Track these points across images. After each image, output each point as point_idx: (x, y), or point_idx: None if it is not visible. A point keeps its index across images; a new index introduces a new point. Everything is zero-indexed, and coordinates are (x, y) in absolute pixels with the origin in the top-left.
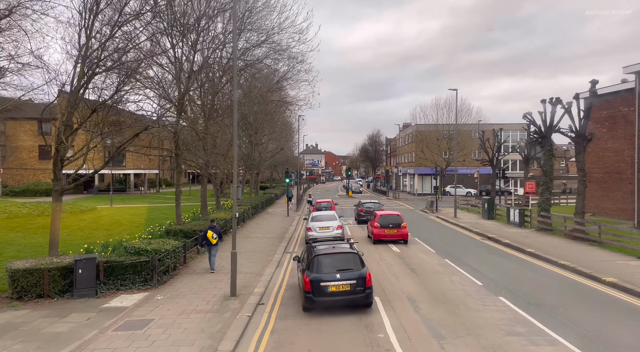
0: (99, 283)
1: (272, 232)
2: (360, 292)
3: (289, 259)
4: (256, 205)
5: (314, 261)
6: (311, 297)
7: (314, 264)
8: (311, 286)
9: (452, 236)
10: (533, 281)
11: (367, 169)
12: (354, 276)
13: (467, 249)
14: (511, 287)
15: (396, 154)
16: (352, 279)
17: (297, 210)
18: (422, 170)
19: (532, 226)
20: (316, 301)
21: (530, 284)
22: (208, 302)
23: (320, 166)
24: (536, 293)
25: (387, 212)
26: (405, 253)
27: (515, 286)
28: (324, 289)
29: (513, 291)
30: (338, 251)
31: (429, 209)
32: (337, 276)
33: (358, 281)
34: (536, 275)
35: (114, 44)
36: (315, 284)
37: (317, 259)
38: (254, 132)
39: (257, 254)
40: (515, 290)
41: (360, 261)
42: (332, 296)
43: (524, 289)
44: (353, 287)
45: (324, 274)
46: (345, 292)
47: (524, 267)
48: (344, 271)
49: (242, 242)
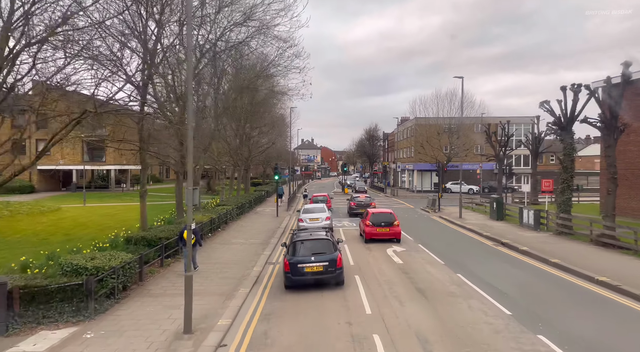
0: (12, 315)
1: (257, 237)
2: (331, 272)
3: (270, 272)
4: (242, 204)
5: (293, 246)
6: (290, 276)
7: (292, 249)
8: (290, 267)
9: (461, 241)
10: (572, 306)
11: (363, 165)
12: (326, 259)
13: (481, 258)
14: (548, 317)
15: (394, 149)
16: (324, 261)
17: (289, 209)
18: (421, 165)
19: (548, 228)
20: (294, 279)
21: (573, 313)
22: (151, 343)
23: (316, 162)
24: (586, 327)
25: (379, 210)
26: (409, 265)
27: (553, 315)
28: (301, 270)
29: (552, 323)
30: (314, 238)
31: (431, 208)
32: (312, 259)
33: (330, 262)
34: (573, 297)
35: (50, 9)
36: (293, 266)
37: (295, 245)
38: (242, 125)
39: (233, 267)
40: (555, 322)
41: (334, 246)
42: (307, 276)
43: (568, 321)
44: (325, 268)
45: (301, 257)
46: (319, 272)
47: (555, 285)
48: (318, 254)
49: (219, 251)
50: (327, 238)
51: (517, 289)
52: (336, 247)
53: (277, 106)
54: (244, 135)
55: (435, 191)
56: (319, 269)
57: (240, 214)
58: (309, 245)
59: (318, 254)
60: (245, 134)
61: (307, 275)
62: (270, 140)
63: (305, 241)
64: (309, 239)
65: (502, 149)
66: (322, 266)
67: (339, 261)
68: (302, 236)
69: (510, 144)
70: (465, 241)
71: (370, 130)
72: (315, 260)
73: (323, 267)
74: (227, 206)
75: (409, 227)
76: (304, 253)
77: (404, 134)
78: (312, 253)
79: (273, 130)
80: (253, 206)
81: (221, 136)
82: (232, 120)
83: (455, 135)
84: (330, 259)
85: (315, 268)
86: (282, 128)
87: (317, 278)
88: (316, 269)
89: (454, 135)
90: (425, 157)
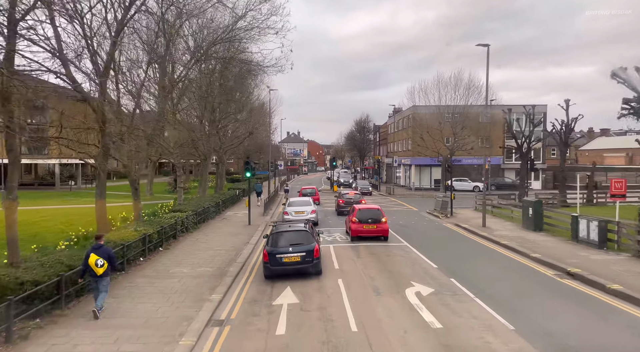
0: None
1: (212, 260)
2: (309, 262)
3: (217, 335)
4: (205, 208)
5: (271, 237)
6: (269, 266)
7: (272, 240)
8: (269, 257)
9: (508, 271)
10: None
11: (353, 159)
12: (303, 249)
13: (557, 307)
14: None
15: (387, 141)
16: (302, 251)
17: (266, 213)
18: (420, 160)
19: (620, 247)
20: (272, 269)
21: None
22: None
23: (302, 156)
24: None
25: (366, 206)
26: (455, 334)
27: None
28: (279, 260)
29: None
30: (293, 229)
31: (441, 211)
32: (290, 249)
33: (307, 253)
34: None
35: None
36: (271, 256)
37: (274, 236)
38: (210, 108)
39: (148, 334)
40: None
41: (312, 236)
42: (285, 265)
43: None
44: (303, 258)
45: (279, 247)
46: (296, 262)
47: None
48: (295, 245)
49: (140, 292)
50: (305, 229)
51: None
52: (314, 239)
53: (254, 89)
54: (214, 122)
55: (435, 189)
56: (296, 259)
57: (201, 222)
58: (287, 236)
59: (296, 245)
60: (215, 121)
61: (285, 265)
62: (247, 130)
63: (285, 232)
64: (287, 231)
65: (526, 140)
66: (300, 256)
67: (316, 252)
68: (281, 228)
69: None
70: (513, 269)
71: (361, 122)
72: (293, 250)
73: (300, 257)
74: (183, 212)
75: (424, 244)
76: (283, 244)
77: (400, 125)
78: (290, 244)
79: (250, 118)
80: (222, 210)
81: (181, 123)
82: (196, 102)
83: (460, 125)
84: (307, 250)
85: (293, 258)
86: (261, 117)
87: (295, 268)
88: (294, 259)
89: (458, 126)
90: (425, 151)
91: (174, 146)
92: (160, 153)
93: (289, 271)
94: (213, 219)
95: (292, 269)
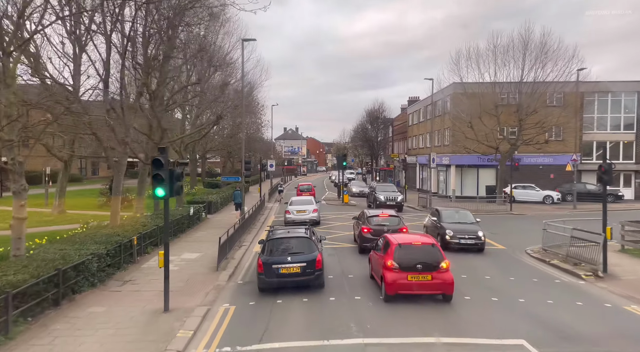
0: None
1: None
2: (310, 273)
3: None
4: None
5: (267, 244)
6: (263, 278)
7: (267, 248)
8: (263, 268)
9: None
10: None
11: (360, 158)
12: (304, 259)
13: None
14: None
15: (406, 136)
16: (302, 261)
17: (228, 255)
18: (462, 159)
19: None
20: (267, 281)
21: None
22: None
23: (301, 154)
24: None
25: (408, 238)
26: None
27: None
28: (276, 271)
29: None
30: (291, 235)
31: (573, 260)
32: (288, 259)
33: (308, 263)
34: None
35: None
36: (267, 266)
37: (270, 243)
38: (147, 72)
39: None
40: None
41: (314, 244)
42: (282, 278)
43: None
44: (303, 269)
45: (276, 256)
46: (296, 274)
47: None
48: (295, 254)
49: None
50: (305, 236)
51: None
52: (316, 246)
53: (221, 38)
54: (150, 93)
55: (490, 199)
56: (296, 270)
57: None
58: (285, 243)
59: (295, 254)
60: (150, 93)
61: (282, 277)
62: (214, 114)
63: (282, 239)
64: (285, 237)
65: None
66: (300, 267)
67: (318, 262)
68: (277, 233)
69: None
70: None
71: (373, 112)
72: (292, 260)
73: (300, 268)
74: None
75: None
76: (279, 253)
77: (428, 113)
78: (288, 253)
79: (221, 97)
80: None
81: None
82: None
83: (530, 107)
84: (308, 260)
85: (292, 269)
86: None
87: (294, 280)
88: (293, 270)
89: (523, 110)
90: (472, 145)
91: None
92: None
93: (288, 283)
94: (148, 254)
95: (290, 282)
